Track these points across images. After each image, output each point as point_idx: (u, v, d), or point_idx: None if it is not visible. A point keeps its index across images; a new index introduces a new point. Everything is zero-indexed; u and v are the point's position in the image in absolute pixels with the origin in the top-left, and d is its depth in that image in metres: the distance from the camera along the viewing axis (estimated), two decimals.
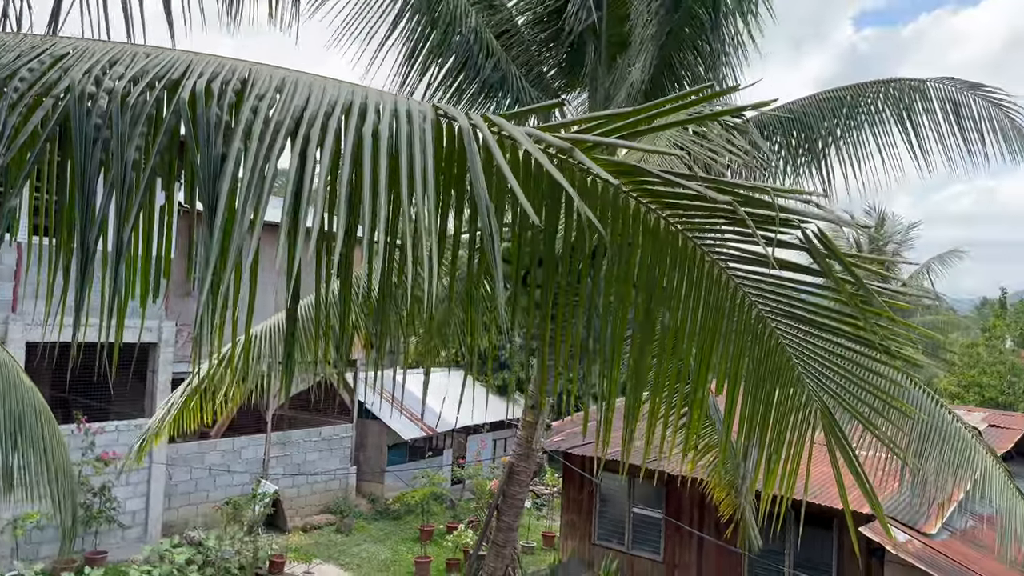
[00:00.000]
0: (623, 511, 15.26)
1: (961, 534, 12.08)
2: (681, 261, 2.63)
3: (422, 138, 1.89)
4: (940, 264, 33.12)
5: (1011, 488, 8.09)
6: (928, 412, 7.57)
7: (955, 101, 8.16)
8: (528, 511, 20.59)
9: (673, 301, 2.74)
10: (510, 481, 8.79)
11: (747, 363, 2.85)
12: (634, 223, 2.52)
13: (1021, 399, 26.74)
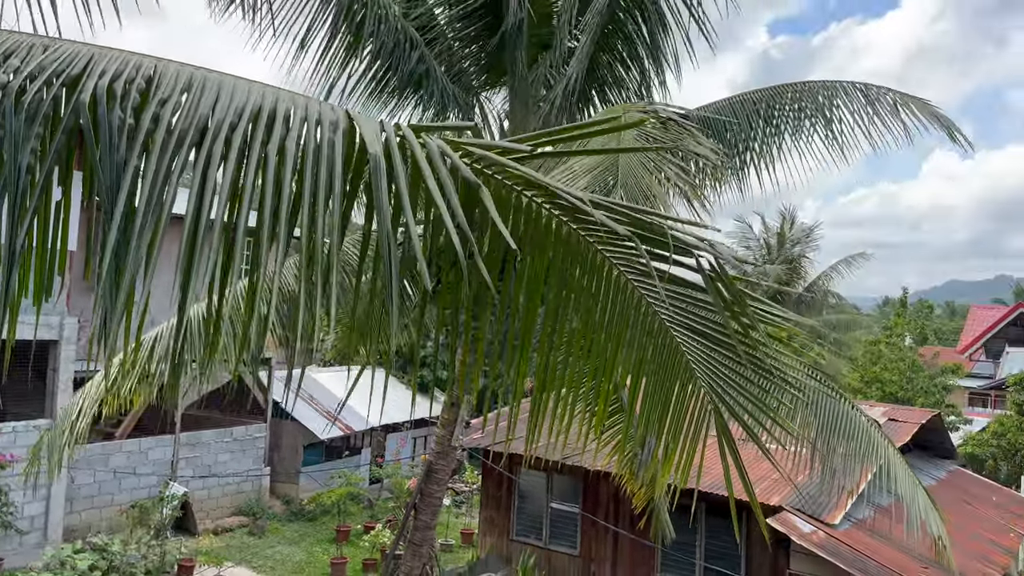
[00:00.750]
0: (541, 507, 15.41)
1: (862, 524, 12.66)
2: (590, 270, 2.71)
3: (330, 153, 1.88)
4: (845, 265, 34.63)
5: (912, 478, 8.53)
6: (832, 407, 7.87)
7: (866, 94, 8.37)
8: (447, 509, 20.55)
9: (582, 306, 2.82)
10: (428, 480, 8.76)
11: (649, 365, 2.97)
12: (546, 232, 2.58)
13: (919, 394, 28.16)
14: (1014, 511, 17.38)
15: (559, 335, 2.96)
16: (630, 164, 6.15)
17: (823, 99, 8.40)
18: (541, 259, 2.71)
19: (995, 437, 25.29)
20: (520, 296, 2.89)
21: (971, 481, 19.26)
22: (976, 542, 14.19)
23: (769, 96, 8.60)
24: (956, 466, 20.13)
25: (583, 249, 2.71)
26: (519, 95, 9.13)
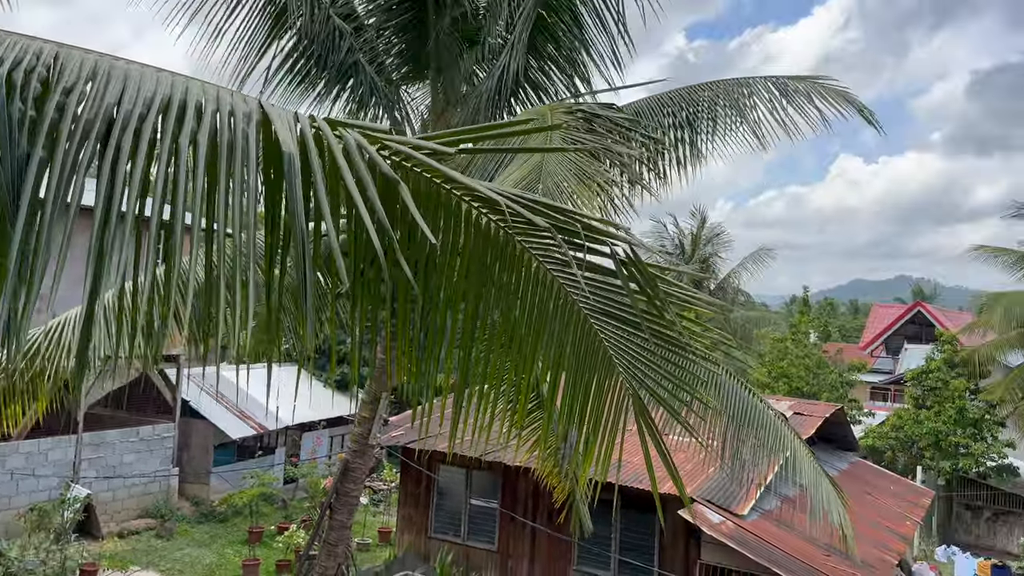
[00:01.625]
0: (460, 503, 15.41)
1: (769, 514, 13.12)
2: (511, 262, 2.73)
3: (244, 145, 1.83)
4: (753, 263, 35.82)
5: (817, 468, 8.87)
6: (742, 401, 8.11)
7: (780, 86, 8.56)
8: (365, 508, 20.32)
9: (503, 298, 2.84)
10: (344, 478, 8.64)
11: (569, 354, 3.01)
12: (466, 225, 2.58)
13: (824, 389, 29.35)
14: (910, 500, 18.34)
15: (480, 328, 2.98)
16: (555, 170, 6.18)
17: (738, 95, 8.59)
18: (463, 252, 2.72)
19: (894, 430, 26.61)
20: (441, 291, 2.89)
21: (871, 472, 20.22)
22: (875, 530, 14.91)
23: (685, 96, 8.77)
24: (858, 457, 21.10)
25: (504, 242, 2.73)
26: (442, 91, 9.08)
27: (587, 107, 7.01)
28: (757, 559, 11.28)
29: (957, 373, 25.95)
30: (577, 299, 3.03)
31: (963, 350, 26.34)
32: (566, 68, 9.36)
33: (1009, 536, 25.40)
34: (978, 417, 25.22)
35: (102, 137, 1.73)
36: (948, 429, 25.11)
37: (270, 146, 2.14)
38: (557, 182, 5.97)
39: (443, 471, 15.53)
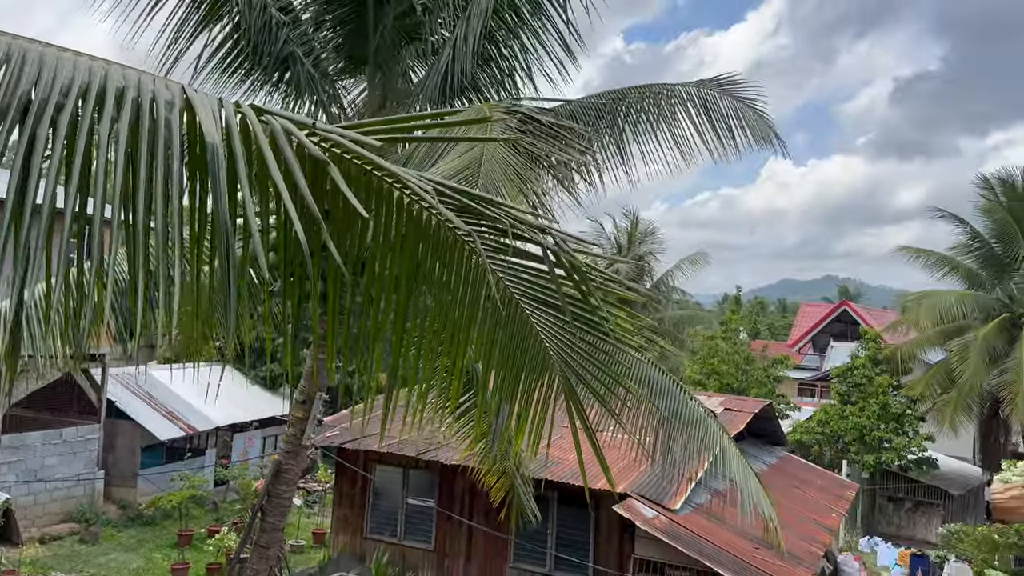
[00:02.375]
0: (397, 503, 15.30)
1: (701, 508, 13.38)
2: (444, 249, 2.73)
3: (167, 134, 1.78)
4: (688, 263, 36.54)
5: (745, 464, 9.09)
6: (674, 397, 8.24)
7: (704, 99, 8.78)
8: (298, 509, 20.00)
9: (436, 283, 2.85)
10: (276, 480, 8.48)
11: (502, 339, 3.03)
12: (399, 213, 2.57)
13: (753, 385, 30.07)
14: (836, 493, 18.95)
15: (413, 314, 2.97)
16: (492, 168, 6.17)
17: (664, 104, 8.72)
18: (395, 240, 2.71)
19: (820, 425, 27.45)
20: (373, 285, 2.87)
21: (799, 466, 20.81)
22: (803, 523, 15.35)
23: (615, 99, 8.86)
24: (786, 452, 21.69)
25: (436, 229, 2.72)
26: (381, 86, 9.00)
27: (526, 109, 7.02)
28: (689, 552, 11.50)
29: (880, 370, 26.91)
30: (510, 286, 3.05)
31: (886, 348, 27.33)
32: (508, 69, 9.37)
33: (928, 526, 26.49)
34: (900, 412, 26.21)
35: (16, 124, 1.66)
36: (872, 424, 26.03)
37: (194, 134, 2.09)
38: (494, 179, 5.97)
39: (379, 471, 15.39)
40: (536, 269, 2.98)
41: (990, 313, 24.73)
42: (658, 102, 8.73)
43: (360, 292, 2.88)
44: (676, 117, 8.66)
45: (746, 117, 8.57)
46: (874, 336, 28.00)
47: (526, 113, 6.70)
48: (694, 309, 44.47)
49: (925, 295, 26.46)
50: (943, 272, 26.52)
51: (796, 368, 40.08)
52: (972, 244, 26.12)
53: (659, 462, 8.72)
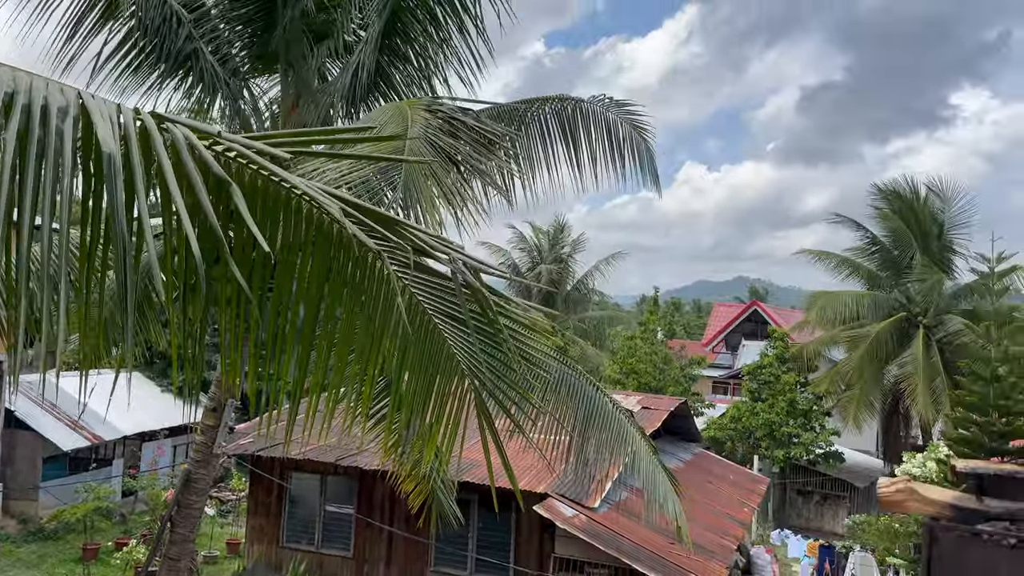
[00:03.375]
0: (314, 510, 15.02)
1: (619, 506, 13.60)
2: (354, 261, 2.70)
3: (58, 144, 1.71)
4: (606, 265, 37.17)
5: (656, 463, 9.29)
6: (590, 399, 8.36)
7: (608, 122, 8.96)
8: (211, 520, 19.43)
9: (347, 294, 2.83)
10: (186, 490, 8.23)
11: (413, 350, 3.03)
12: (307, 224, 2.54)
13: (670, 384, 30.76)
14: (748, 487, 19.56)
15: (324, 324, 2.94)
16: (412, 170, 6.12)
17: (569, 121, 8.84)
18: (304, 250, 2.68)
19: (732, 421, 28.31)
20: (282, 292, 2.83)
21: (713, 462, 21.39)
22: (717, 517, 15.79)
23: (526, 108, 8.94)
24: (701, 448, 22.27)
25: (347, 242, 2.70)
26: (294, 85, 8.82)
27: (447, 107, 7.00)
28: (607, 550, 11.68)
29: (788, 368, 27.93)
30: (422, 300, 3.05)
31: (793, 346, 28.38)
32: (423, 68, 9.32)
33: (835, 518, 27.64)
34: (807, 408, 27.27)
35: None
36: (781, 420, 27.00)
37: (89, 142, 2.01)
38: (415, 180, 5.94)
39: (296, 478, 15.08)
40: (445, 284, 3.00)
41: (889, 312, 25.97)
42: (563, 114, 8.83)
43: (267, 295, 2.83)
44: (579, 133, 8.79)
45: (640, 150, 8.78)
46: (782, 335, 29.03)
47: (447, 111, 6.68)
48: (614, 310, 45.24)
49: (827, 296, 27.60)
50: (845, 274, 27.74)
51: (710, 367, 41.21)
52: (871, 248, 27.40)
53: (577, 462, 8.84)
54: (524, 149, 8.82)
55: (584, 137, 8.85)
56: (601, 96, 9.00)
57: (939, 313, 25.31)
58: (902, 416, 26.03)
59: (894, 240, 26.81)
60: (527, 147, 8.84)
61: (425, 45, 8.97)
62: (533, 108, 8.97)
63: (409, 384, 3.10)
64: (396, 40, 8.96)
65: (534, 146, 8.94)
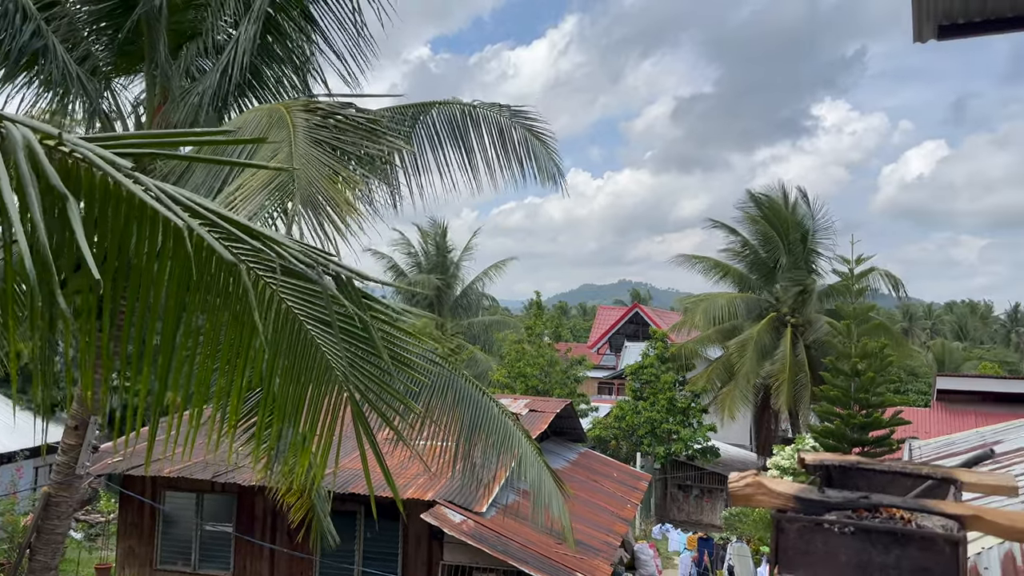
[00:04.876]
0: (190, 529, 14.34)
1: (508, 509, 13.66)
2: (217, 268, 2.58)
3: None
4: (495, 270, 37.41)
5: (541, 465, 9.39)
6: (476, 403, 8.36)
7: (500, 125, 9.04)
8: (78, 544, 18.26)
9: (211, 303, 2.70)
10: (47, 514, 7.67)
11: (284, 358, 2.93)
12: (165, 231, 2.40)
13: (556, 386, 31.23)
14: (631, 484, 20.08)
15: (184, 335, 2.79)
16: (306, 172, 5.91)
17: (461, 123, 8.86)
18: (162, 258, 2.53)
19: (616, 420, 29.05)
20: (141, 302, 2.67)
21: (597, 460, 21.84)
22: (601, 515, 16.13)
23: (416, 111, 8.88)
24: (586, 448, 22.70)
25: (210, 249, 2.57)
26: (160, 85, 8.40)
27: (327, 106, 6.82)
28: (495, 554, 11.70)
29: (667, 367, 28.93)
30: (294, 308, 2.95)
31: (672, 346, 29.43)
32: (300, 68, 9.09)
33: (713, 510, 28.78)
34: (686, 405, 28.31)
35: None
36: (661, 417, 27.91)
37: None
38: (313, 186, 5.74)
39: (170, 497, 14.36)
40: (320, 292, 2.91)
41: (760, 313, 27.34)
42: (454, 119, 8.84)
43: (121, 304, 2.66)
44: (471, 137, 8.81)
45: (536, 152, 8.88)
46: (661, 336, 30.05)
47: (328, 109, 6.50)
48: (503, 314, 45.59)
49: (702, 298, 28.82)
50: (719, 276, 29.04)
51: (595, 368, 42.16)
52: (743, 251, 28.81)
53: (465, 468, 8.82)
54: (413, 153, 8.75)
55: (477, 140, 8.86)
56: (493, 103, 9.05)
57: (806, 313, 26.85)
58: (773, 411, 27.43)
59: (764, 243, 28.25)
60: (416, 151, 8.77)
61: (301, 45, 8.74)
62: (423, 111, 8.92)
63: (281, 394, 2.99)
64: (270, 39, 8.69)
65: (423, 150, 8.89)
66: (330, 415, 3.19)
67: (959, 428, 18.58)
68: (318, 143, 6.23)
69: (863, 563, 2.32)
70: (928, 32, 4.75)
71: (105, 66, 8.62)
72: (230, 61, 8.15)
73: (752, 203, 28.43)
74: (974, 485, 3.15)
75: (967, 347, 64.73)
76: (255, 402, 6.08)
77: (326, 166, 5.99)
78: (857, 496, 2.49)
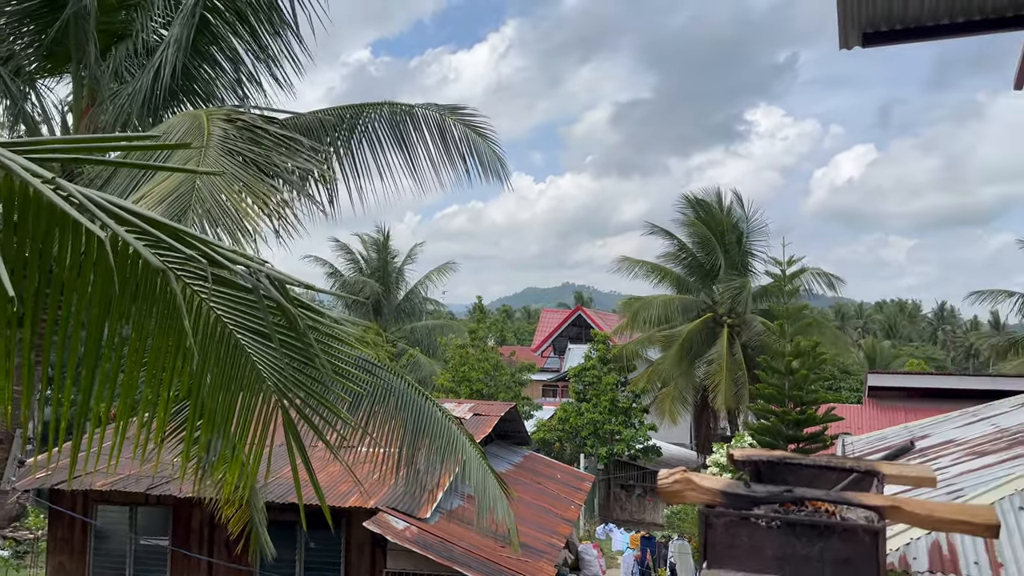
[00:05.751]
0: (124, 544, 13.93)
1: (452, 514, 13.62)
2: (143, 276, 2.53)
3: None
4: (437, 274, 37.30)
5: (485, 469, 9.40)
6: (419, 409, 8.32)
7: (441, 125, 8.99)
8: (5, 562, 17.57)
9: (137, 311, 2.64)
10: None
11: (214, 367, 2.88)
12: (87, 238, 2.35)
13: (501, 389, 31.28)
14: (575, 485, 20.23)
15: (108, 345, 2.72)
16: (215, 182, 5.79)
17: (401, 127, 8.80)
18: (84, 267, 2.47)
19: (560, 422, 29.23)
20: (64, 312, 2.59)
21: (541, 463, 21.93)
22: (546, 517, 16.21)
23: (354, 113, 8.80)
24: (530, 450, 22.77)
25: (134, 257, 2.52)
26: (88, 87, 8.17)
27: (248, 117, 6.71)
28: (439, 560, 11.66)
29: (609, 368, 29.25)
30: (224, 316, 2.90)
31: (614, 348, 29.77)
32: (234, 71, 8.94)
33: (655, 509, 29.18)
34: (627, 406, 28.65)
35: None
36: (604, 418, 28.20)
37: None
38: (217, 193, 5.64)
39: (103, 512, 13.93)
40: (253, 300, 2.87)
41: (698, 314, 27.86)
42: (394, 120, 8.78)
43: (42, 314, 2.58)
44: (414, 139, 8.77)
45: (479, 148, 8.89)
46: (603, 338, 30.38)
47: (249, 120, 6.40)
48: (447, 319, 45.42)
49: (641, 300, 29.25)
50: (658, 279, 29.53)
51: (540, 371, 42.35)
52: (680, 254, 29.37)
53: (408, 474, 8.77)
54: (353, 156, 8.67)
55: (419, 140, 8.81)
56: (430, 103, 9.00)
57: (741, 313, 27.47)
58: (712, 410, 27.98)
59: (701, 246, 28.83)
60: (357, 153, 8.69)
61: (235, 47, 8.60)
62: (363, 114, 8.83)
63: (210, 404, 2.94)
64: (203, 42, 8.52)
65: (362, 153, 8.80)
66: (262, 425, 3.15)
67: (889, 423, 19.23)
68: (232, 153, 6.11)
69: (788, 555, 2.40)
70: (853, 39, 4.93)
71: (30, 67, 8.35)
72: (162, 63, 7.97)
73: (689, 207, 28.99)
74: (896, 477, 3.28)
75: (896, 345, 67.07)
76: (186, 413, 5.95)
77: (236, 176, 5.89)
78: (781, 490, 2.58)
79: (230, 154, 5.91)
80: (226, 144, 5.91)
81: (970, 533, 2.75)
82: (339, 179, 8.83)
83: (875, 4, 4.66)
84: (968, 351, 58.71)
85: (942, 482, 9.21)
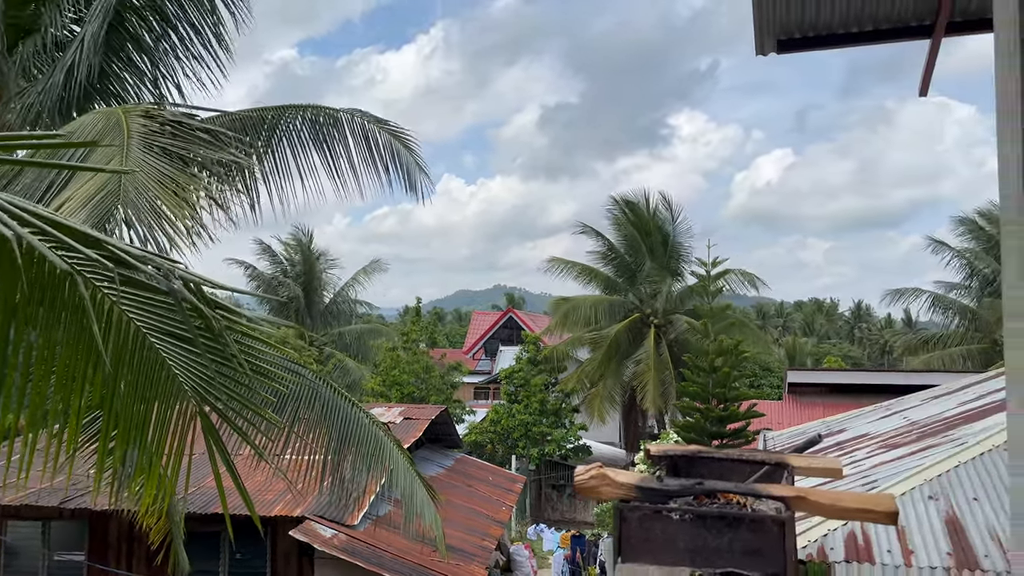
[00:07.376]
0: (36, 561, 13.35)
1: (382, 520, 13.49)
2: (48, 280, 2.45)
3: None
4: (364, 275, 36.90)
5: (412, 474, 9.36)
6: (345, 414, 8.23)
7: (366, 132, 8.93)
8: None
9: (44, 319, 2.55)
10: None
11: (127, 374, 2.81)
12: None
13: (432, 392, 31.12)
14: (506, 487, 20.29)
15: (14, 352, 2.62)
16: (140, 181, 5.62)
17: (324, 130, 8.70)
18: None
19: (492, 424, 29.29)
20: None
21: (473, 465, 21.93)
22: (477, 519, 16.22)
23: (276, 114, 8.66)
24: (462, 453, 22.75)
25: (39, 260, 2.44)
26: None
27: (169, 113, 6.53)
28: (368, 567, 11.56)
29: (540, 369, 29.45)
30: (137, 320, 2.83)
31: (545, 349, 30.00)
32: (152, 69, 8.68)
33: (586, 508, 29.50)
34: (557, 406, 28.91)
35: None
36: (534, 419, 28.38)
37: None
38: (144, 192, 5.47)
39: (12, 527, 13.33)
40: (168, 303, 2.80)
41: (625, 314, 28.32)
42: (317, 123, 8.67)
43: None
44: (337, 143, 8.68)
45: (402, 157, 8.85)
46: (533, 339, 30.58)
47: (170, 116, 6.23)
48: (377, 322, 44.94)
49: (570, 301, 29.58)
50: (587, 280, 29.90)
51: (471, 373, 42.33)
52: (609, 255, 29.81)
53: (334, 481, 8.66)
54: (274, 157, 8.52)
55: (342, 147, 8.72)
56: (356, 108, 8.93)
57: (668, 313, 28.05)
58: (640, 409, 28.46)
59: (628, 247, 29.32)
60: (278, 155, 8.55)
61: (152, 45, 8.36)
62: (285, 115, 8.69)
63: (124, 413, 2.86)
64: (119, 39, 8.26)
65: (284, 154, 8.67)
66: (180, 432, 3.08)
67: (809, 419, 19.92)
68: (154, 149, 5.94)
69: (699, 547, 2.48)
70: (768, 46, 5.10)
71: None
72: (75, 61, 7.69)
73: (616, 208, 29.45)
74: (805, 469, 3.41)
75: (815, 343, 69.44)
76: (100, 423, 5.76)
77: (163, 173, 5.73)
78: (693, 483, 2.66)
79: (153, 150, 5.75)
80: (148, 140, 5.74)
81: (873, 521, 2.88)
82: (260, 180, 8.67)
83: (789, 11, 4.83)
84: (883, 348, 61.23)
85: (858, 474, 9.60)
